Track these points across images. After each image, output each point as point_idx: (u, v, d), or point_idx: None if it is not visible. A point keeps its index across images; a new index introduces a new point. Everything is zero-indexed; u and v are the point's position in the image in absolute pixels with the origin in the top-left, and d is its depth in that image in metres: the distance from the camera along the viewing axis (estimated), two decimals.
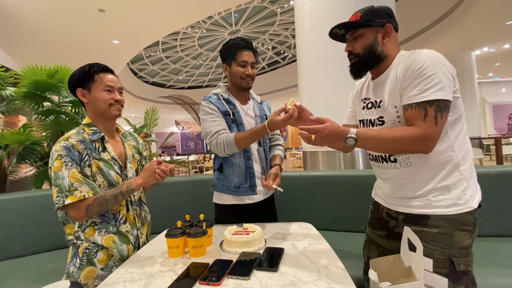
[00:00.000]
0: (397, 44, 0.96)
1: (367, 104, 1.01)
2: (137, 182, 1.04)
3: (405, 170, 0.91)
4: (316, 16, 2.76)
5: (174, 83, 15.95)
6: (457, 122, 0.88)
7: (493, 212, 1.65)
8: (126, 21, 6.11)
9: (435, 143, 0.83)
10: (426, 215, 0.88)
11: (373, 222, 1.11)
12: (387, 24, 0.92)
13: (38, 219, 1.83)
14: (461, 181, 0.87)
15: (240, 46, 1.28)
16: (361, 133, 0.88)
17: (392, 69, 0.91)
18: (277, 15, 9.80)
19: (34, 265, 1.64)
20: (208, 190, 1.46)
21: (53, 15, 5.47)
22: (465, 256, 0.86)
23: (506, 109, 15.45)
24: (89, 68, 1.06)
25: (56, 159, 0.96)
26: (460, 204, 0.86)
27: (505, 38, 8.37)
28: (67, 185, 0.94)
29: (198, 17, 6.85)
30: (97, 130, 1.07)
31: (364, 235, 1.18)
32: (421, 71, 0.81)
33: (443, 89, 0.80)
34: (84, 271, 1.00)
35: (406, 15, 6.55)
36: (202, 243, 0.94)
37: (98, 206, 0.97)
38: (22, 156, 2.44)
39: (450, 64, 0.84)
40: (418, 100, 0.81)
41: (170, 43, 10.98)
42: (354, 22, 0.93)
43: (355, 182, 1.80)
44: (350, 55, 0.98)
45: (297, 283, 0.72)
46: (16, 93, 2.46)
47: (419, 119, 0.82)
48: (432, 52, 0.83)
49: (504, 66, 11.78)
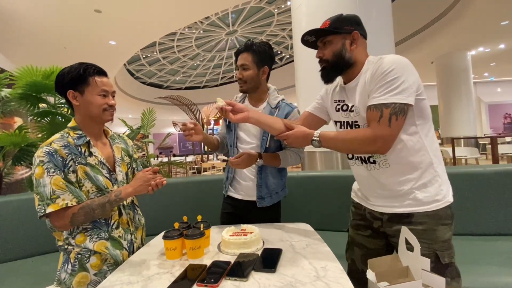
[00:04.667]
0: (365, 51, 1.00)
1: (341, 106, 1.04)
2: (127, 191, 0.97)
3: (384, 171, 0.95)
4: (313, 17, 2.77)
5: (172, 84, 15.90)
6: (427, 123, 0.93)
7: (489, 211, 1.66)
8: (122, 21, 6.08)
9: (389, 144, 0.87)
10: (410, 213, 0.92)
11: (356, 224, 1.13)
12: (354, 31, 0.96)
13: (34, 221, 1.81)
14: (436, 177, 0.92)
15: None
16: (323, 135, 0.95)
17: (361, 75, 0.96)
18: (274, 16, 9.81)
19: (29, 268, 1.62)
20: (206, 191, 1.46)
21: (49, 15, 5.43)
22: (447, 249, 0.91)
23: (502, 108, 15.59)
24: (84, 70, 1.00)
25: (38, 166, 0.91)
26: (439, 200, 0.91)
27: (500, 38, 8.44)
28: (48, 193, 0.90)
29: (195, 18, 6.85)
30: (82, 134, 1.03)
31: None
32: (384, 75, 0.86)
33: (402, 93, 0.83)
34: (76, 277, 0.96)
35: (402, 16, 6.59)
36: (200, 245, 0.94)
37: (83, 215, 0.94)
38: (17, 158, 2.42)
39: (414, 69, 0.88)
40: (377, 102, 0.86)
41: (167, 43, 10.95)
42: (323, 29, 0.97)
43: (353, 182, 1.81)
44: (321, 61, 1.02)
45: (295, 284, 0.72)
46: (12, 95, 2.44)
47: (374, 121, 0.86)
48: (397, 57, 0.88)
49: (499, 66, 11.88)
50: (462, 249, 1.50)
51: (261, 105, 1.38)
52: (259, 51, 1.30)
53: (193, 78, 15.65)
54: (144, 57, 12.04)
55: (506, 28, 7.47)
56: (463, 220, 1.70)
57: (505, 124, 15.60)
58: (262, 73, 1.33)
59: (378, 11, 2.57)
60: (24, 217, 1.80)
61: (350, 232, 1.16)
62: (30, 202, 1.83)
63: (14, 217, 1.77)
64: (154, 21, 6.31)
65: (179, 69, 14.09)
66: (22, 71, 2.37)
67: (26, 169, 3.16)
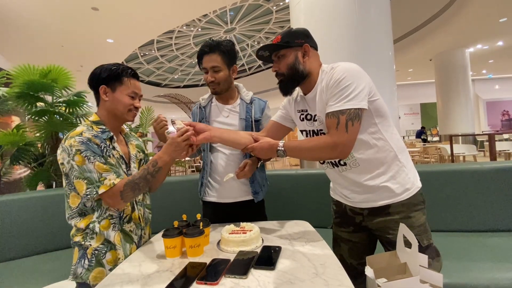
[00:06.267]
0: (318, 61, 1.05)
1: (306, 116, 1.08)
2: (163, 159, 1.00)
3: (355, 170, 1.00)
4: (311, 14, 2.76)
5: (170, 82, 15.84)
6: (385, 119, 0.99)
7: (487, 207, 1.68)
8: (120, 19, 6.04)
9: (348, 149, 0.92)
10: (386, 205, 0.98)
11: (338, 221, 1.18)
12: (305, 44, 1.01)
13: (32, 220, 1.81)
14: (402, 168, 0.99)
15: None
16: (287, 145, 1.01)
17: (318, 86, 1.01)
18: (272, 13, 9.77)
19: (30, 267, 1.62)
20: None
21: (46, 13, 5.39)
22: (424, 232, 0.98)
23: (500, 105, 15.65)
24: (122, 70, 1.06)
25: (76, 154, 0.94)
26: (409, 188, 0.98)
27: (499, 35, 8.46)
28: (96, 176, 0.95)
29: (193, 15, 6.81)
30: (105, 129, 1.06)
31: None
32: (337, 84, 0.91)
33: (354, 99, 0.89)
34: (93, 272, 0.99)
35: (400, 13, 6.58)
36: (199, 243, 0.94)
37: (131, 191, 0.97)
38: (15, 157, 2.41)
39: (364, 74, 0.94)
40: (333, 109, 0.91)
41: (165, 41, 10.89)
42: (275, 44, 1.02)
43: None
44: (277, 74, 1.06)
45: (294, 281, 0.73)
46: (9, 94, 2.42)
47: (332, 128, 0.91)
48: (348, 65, 0.94)
49: (497, 63, 11.91)
50: (458, 245, 1.51)
51: (234, 103, 1.37)
52: (227, 50, 1.26)
53: (192, 76, 15.60)
54: (142, 55, 11.98)
55: (504, 25, 7.48)
56: (460, 217, 1.71)
57: (503, 121, 15.67)
58: (232, 72, 1.32)
59: (377, 8, 2.56)
60: (23, 216, 1.79)
61: (334, 229, 1.21)
62: (29, 202, 1.83)
63: (13, 217, 1.77)
64: (152, 19, 6.27)
65: (177, 67, 14.03)
66: (19, 69, 2.36)
67: (24, 168, 3.16)
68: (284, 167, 10.41)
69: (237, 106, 1.36)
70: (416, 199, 0.99)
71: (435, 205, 1.72)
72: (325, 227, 1.84)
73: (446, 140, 8.28)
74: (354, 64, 0.95)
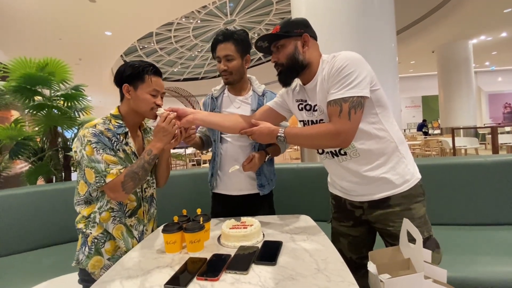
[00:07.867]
0: (318, 51, 1.04)
1: (305, 106, 1.07)
2: (157, 147, 1.03)
3: (355, 160, 0.99)
4: (312, 5, 2.70)
5: (169, 75, 15.74)
6: (385, 109, 0.98)
7: (489, 201, 1.67)
8: (118, 11, 5.95)
9: (350, 137, 0.91)
10: (386, 197, 0.97)
11: (337, 216, 1.16)
12: (304, 33, 0.99)
13: (33, 215, 1.81)
14: (402, 159, 0.98)
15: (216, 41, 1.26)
16: (287, 132, 1.01)
17: (319, 76, 0.99)
18: (273, 5, 9.62)
19: (31, 261, 1.63)
20: (206, 183, 1.44)
21: (43, 5, 5.30)
22: (425, 224, 0.97)
23: (502, 98, 15.53)
24: (143, 68, 1.06)
25: (87, 144, 0.98)
26: (409, 179, 0.97)
27: (503, 26, 8.32)
28: (103, 166, 0.98)
29: (193, 7, 6.71)
30: (122, 124, 1.09)
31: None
32: (339, 72, 0.90)
33: (357, 87, 0.88)
34: (92, 260, 1.02)
35: (403, 5, 6.45)
36: (200, 238, 0.93)
37: (131, 181, 0.99)
38: (14, 152, 2.40)
39: (366, 63, 0.93)
40: (335, 97, 0.90)
41: (164, 34, 10.77)
42: (274, 34, 1.00)
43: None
44: (276, 65, 1.05)
45: (296, 276, 0.72)
46: (6, 87, 2.39)
47: (335, 115, 0.90)
48: (350, 53, 0.93)
49: (500, 55, 11.76)
50: (460, 239, 1.51)
51: (246, 94, 1.36)
52: (241, 39, 1.25)
53: (191, 70, 15.49)
54: (141, 48, 11.87)
55: (509, 16, 7.35)
56: (462, 210, 1.70)
57: (505, 113, 15.58)
58: (246, 62, 1.31)
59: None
60: (23, 211, 1.79)
61: (333, 223, 1.20)
62: (29, 196, 1.83)
63: (13, 211, 1.77)
64: (150, 11, 6.17)
65: (177, 60, 13.92)
66: (16, 63, 2.32)
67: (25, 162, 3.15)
68: (285, 160, 10.41)
69: (249, 98, 1.35)
70: (416, 191, 0.98)
71: (437, 199, 1.71)
72: (325, 221, 1.84)
73: (448, 133, 8.24)
74: (355, 52, 0.94)
